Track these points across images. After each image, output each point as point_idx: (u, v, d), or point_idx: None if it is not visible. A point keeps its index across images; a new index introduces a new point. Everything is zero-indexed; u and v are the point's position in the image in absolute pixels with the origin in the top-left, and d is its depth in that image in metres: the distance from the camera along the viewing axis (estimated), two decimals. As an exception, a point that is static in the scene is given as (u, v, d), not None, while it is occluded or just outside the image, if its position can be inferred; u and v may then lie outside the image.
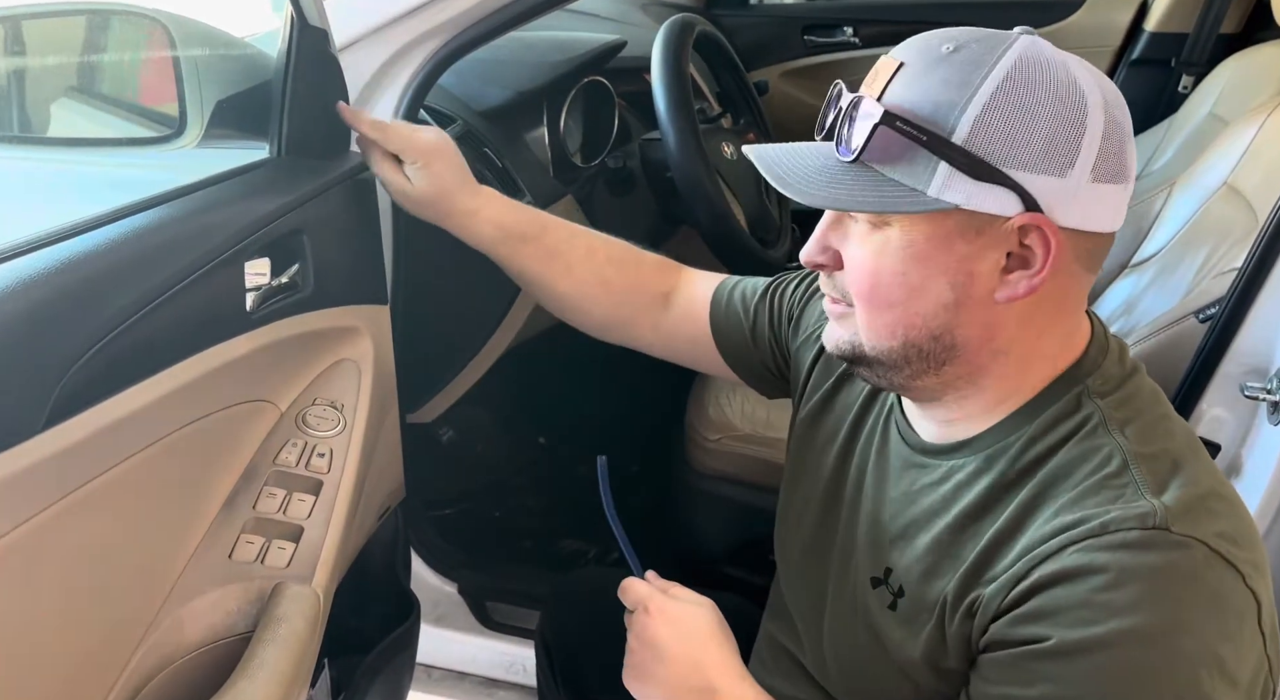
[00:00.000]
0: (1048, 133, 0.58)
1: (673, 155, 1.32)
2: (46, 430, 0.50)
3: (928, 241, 0.61)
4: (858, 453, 0.81)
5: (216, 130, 0.89)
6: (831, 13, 2.28)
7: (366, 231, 0.97)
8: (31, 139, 0.84)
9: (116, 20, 0.87)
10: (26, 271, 0.53)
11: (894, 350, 0.66)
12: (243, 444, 0.77)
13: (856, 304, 0.66)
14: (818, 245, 0.67)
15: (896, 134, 0.59)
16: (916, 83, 0.60)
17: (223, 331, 0.71)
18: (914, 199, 0.60)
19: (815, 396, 0.86)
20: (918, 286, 0.63)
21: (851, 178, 0.61)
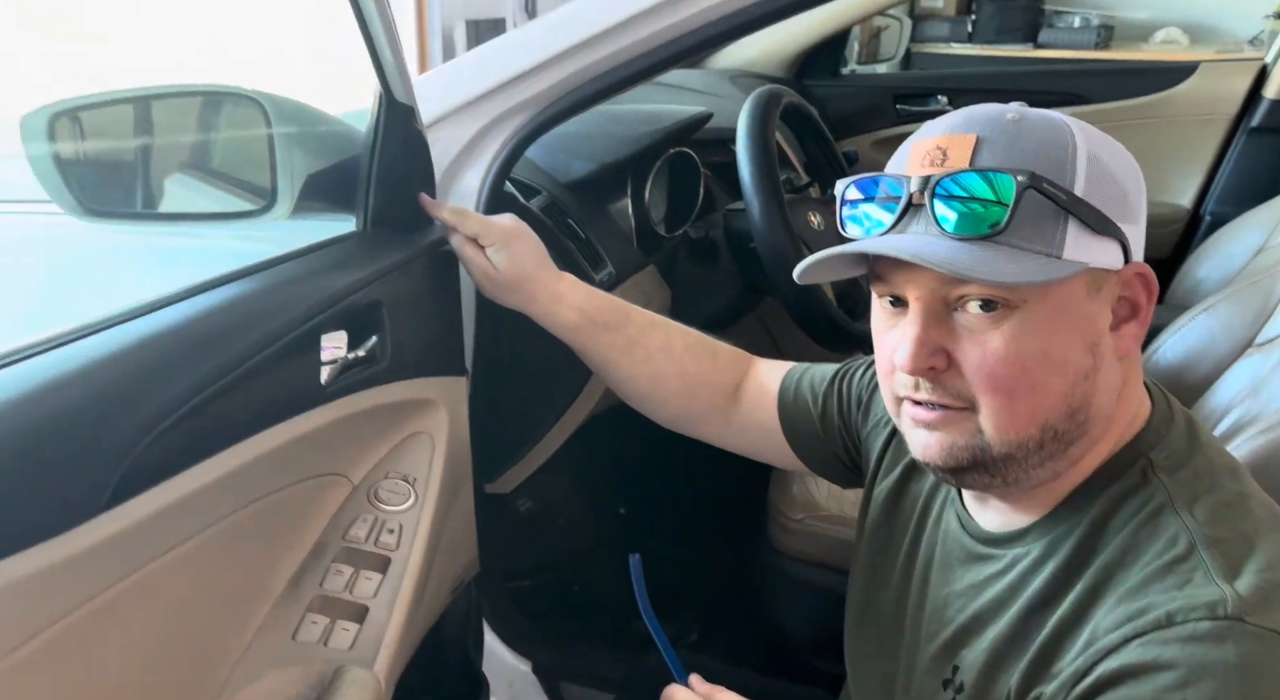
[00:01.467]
0: (1128, 179, 0.60)
1: (757, 225, 1.29)
2: (110, 509, 0.49)
3: (1064, 310, 0.59)
4: (923, 545, 0.77)
5: (306, 203, 0.91)
6: (924, 82, 2.25)
7: (446, 303, 0.97)
8: (133, 214, 0.87)
9: (216, 100, 0.90)
10: (101, 349, 0.53)
11: (1031, 440, 0.60)
12: (313, 519, 0.76)
13: (987, 400, 0.60)
14: (925, 349, 0.60)
15: (1038, 197, 0.56)
16: (1013, 149, 0.58)
17: (296, 405, 0.70)
18: (1056, 265, 0.57)
19: (884, 485, 0.83)
20: (1060, 361, 0.59)
21: (992, 255, 0.57)
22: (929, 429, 0.63)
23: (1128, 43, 3.08)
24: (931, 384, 0.62)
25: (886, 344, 0.65)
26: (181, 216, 0.89)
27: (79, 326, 0.56)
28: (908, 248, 0.59)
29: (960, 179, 0.58)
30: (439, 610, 1.00)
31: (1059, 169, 0.57)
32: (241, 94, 0.88)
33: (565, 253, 1.26)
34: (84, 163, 0.83)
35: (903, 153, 0.65)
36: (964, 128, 0.61)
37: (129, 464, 0.51)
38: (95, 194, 0.85)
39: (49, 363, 0.51)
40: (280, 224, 0.92)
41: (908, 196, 0.60)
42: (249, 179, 0.91)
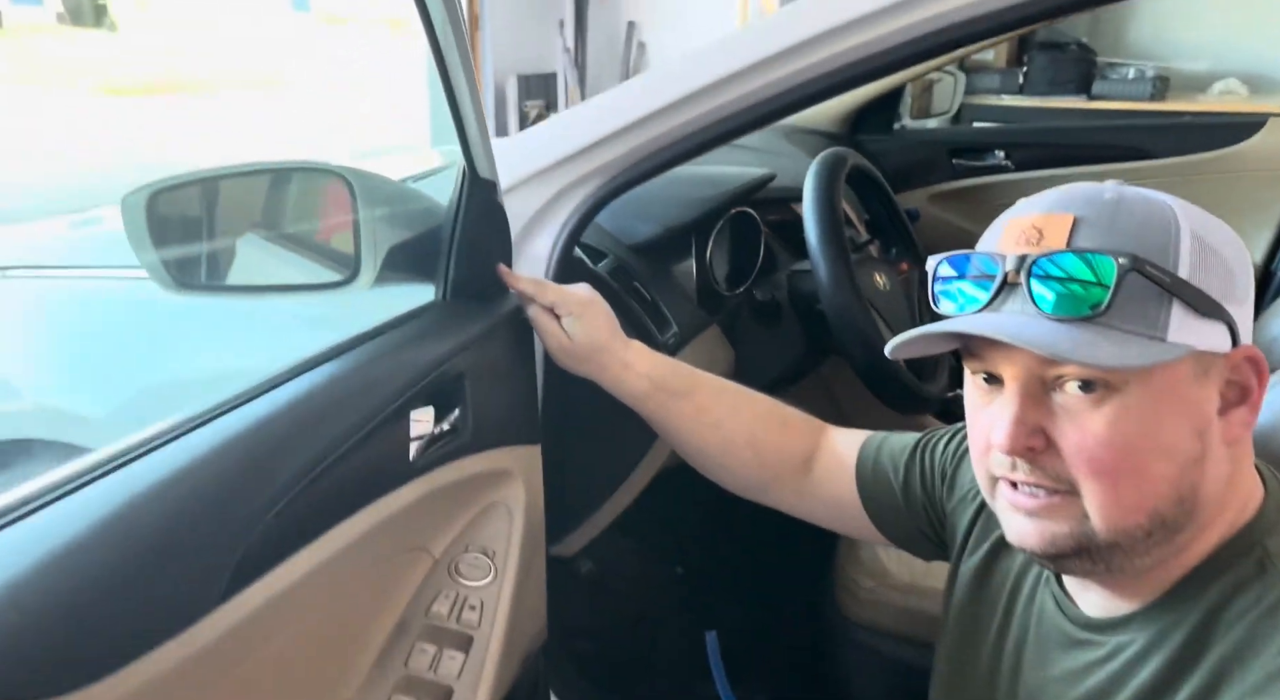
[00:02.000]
0: (1234, 261, 0.59)
1: (824, 286, 1.29)
2: (225, 602, 0.50)
3: (1169, 393, 0.57)
4: (1015, 625, 0.74)
5: (387, 273, 0.93)
6: (981, 136, 2.24)
7: (524, 372, 0.98)
8: (225, 287, 0.89)
9: (306, 176, 0.92)
10: (207, 443, 0.54)
11: (1139, 527, 0.59)
12: (398, 594, 0.76)
13: (1090, 485, 0.58)
14: (1024, 428, 0.59)
15: (1140, 279, 0.56)
16: (1113, 229, 0.58)
17: (388, 483, 0.71)
18: (1160, 347, 0.56)
19: (972, 562, 0.80)
20: (1167, 447, 0.58)
21: (1092, 336, 0.56)
22: (1028, 516, 0.62)
23: (1185, 94, 3.06)
24: (1030, 465, 0.60)
25: (981, 422, 0.63)
26: (271, 288, 0.91)
27: (187, 418, 0.57)
28: (1006, 328, 0.58)
29: (1058, 260, 0.57)
30: (510, 682, 0.98)
31: (1161, 250, 0.57)
32: (330, 170, 0.90)
33: (632, 316, 1.27)
34: (179, 239, 0.85)
35: (996, 229, 0.64)
36: (1061, 207, 0.60)
37: (241, 554, 0.51)
38: (189, 268, 0.87)
39: (167, 457, 0.52)
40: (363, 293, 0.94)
41: (1003, 275, 0.59)
42: (335, 251, 0.92)
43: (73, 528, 0.44)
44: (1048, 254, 0.58)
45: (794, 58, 1.03)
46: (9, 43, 6.42)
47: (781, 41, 1.02)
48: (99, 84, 6.48)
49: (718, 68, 1.06)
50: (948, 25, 0.96)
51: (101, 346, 1.41)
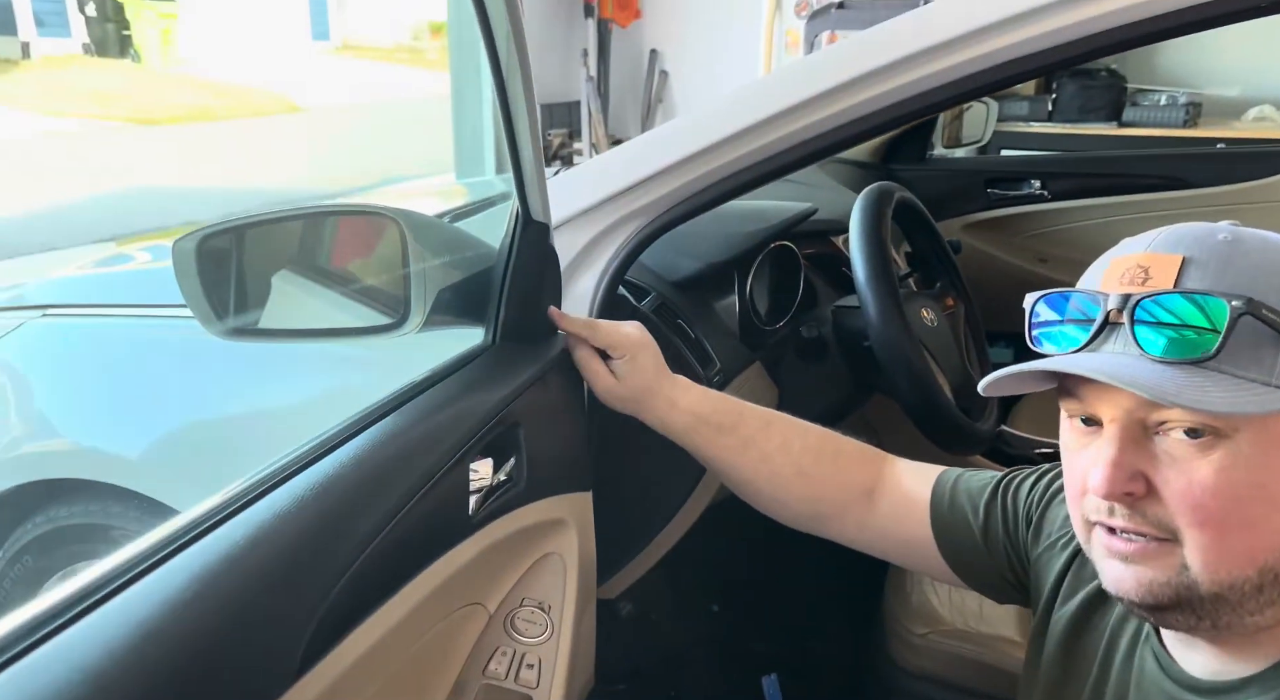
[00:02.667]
0: None
1: (873, 324, 1.26)
2: (300, 678, 0.47)
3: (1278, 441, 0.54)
4: (1112, 684, 0.70)
5: (437, 317, 0.91)
6: (1017, 165, 2.21)
7: (575, 416, 0.96)
8: (280, 332, 0.88)
9: (357, 219, 0.91)
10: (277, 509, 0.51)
11: (1248, 582, 0.56)
12: (455, 652, 0.74)
13: (1193, 534, 0.56)
14: (1122, 472, 0.57)
15: (1259, 322, 0.54)
16: (1225, 271, 0.56)
17: (450, 538, 0.68)
18: (1274, 394, 0.54)
19: (1064, 612, 0.76)
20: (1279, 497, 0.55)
21: (1201, 380, 0.54)
22: (1125, 561, 0.59)
23: (1218, 120, 3.03)
24: (1129, 510, 0.58)
25: (1077, 465, 0.61)
26: (320, 333, 0.90)
27: (256, 482, 0.55)
28: (1110, 370, 0.56)
29: (1165, 301, 0.55)
30: (560, 736, 0.96)
31: (1274, 297, 0.54)
32: (381, 212, 0.89)
33: (675, 353, 1.24)
34: (230, 285, 0.84)
35: (1098, 268, 0.62)
36: (1169, 246, 0.58)
37: (313, 627, 0.49)
38: (237, 312, 0.85)
39: (238, 526, 0.49)
40: (410, 337, 0.92)
41: (1104, 315, 0.58)
42: (385, 292, 0.91)
43: (147, 613, 0.42)
44: (1154, 294, 0.56)
45: (840, 97, 1.02)
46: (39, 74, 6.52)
47: (827, 81, 1.01)
48: (127, 113, 6.56)
49: (764, 107, 1.05)
50: (996, 65, 0.95)
51: (137, 386, 1.40)
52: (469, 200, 2.05)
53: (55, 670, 0.38)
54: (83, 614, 0.41)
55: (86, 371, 1.42)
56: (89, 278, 1.71)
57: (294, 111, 7.35)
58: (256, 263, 0.87)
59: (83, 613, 0.41)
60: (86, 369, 1.43)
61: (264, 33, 8.67)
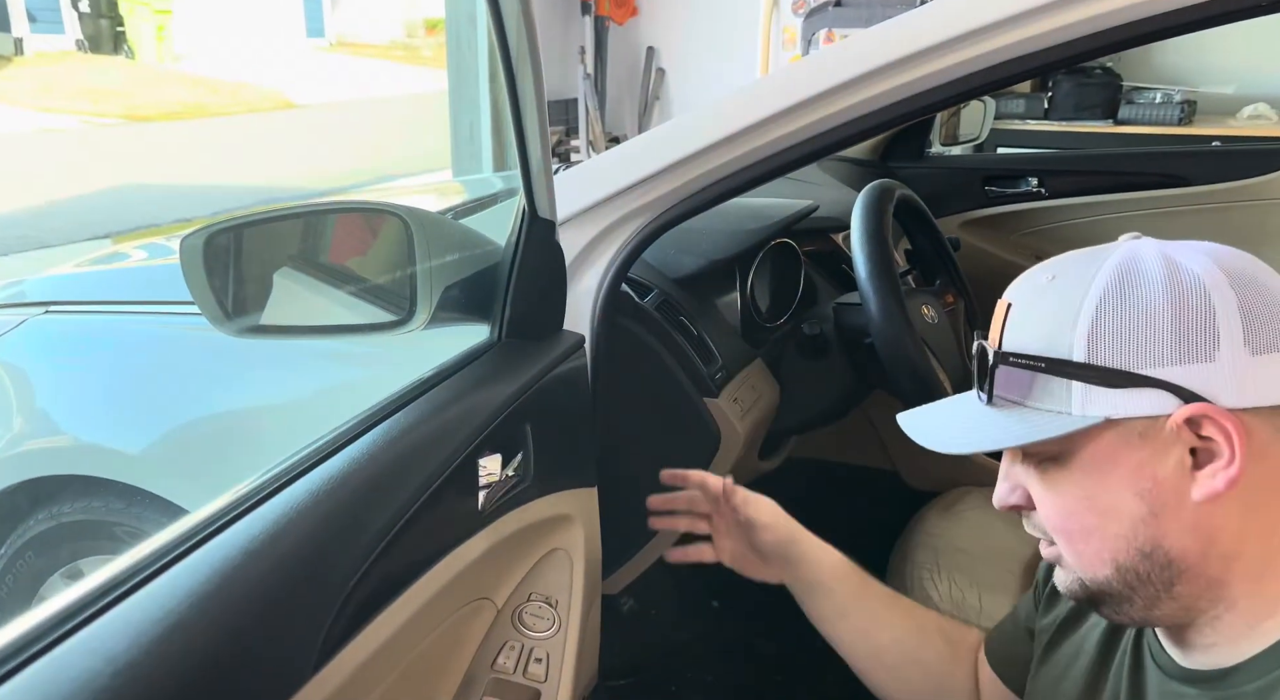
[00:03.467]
0: (1172, 324, 0.58)
1: (875, 321, 1.27)
2: (315, 675, 0.48)
3: (1095, 460, 0.60)
4: (1110, 678, 0.73)
5: (443, 313, 0.91)
6: (1014, 163, 2.22)
7: (581, 412, 0.96)
8: (287, 329, 0.88)
9: (363, 216, 0.91)
10: (293, 505, 0.52)
11: (1112, 579, 0.62)
12: (463, 648, 0.74)
13: (1058, 540, 0.65)
14: (1007, 487, 0.66)
15: (1017, 368, 0.61)
16: (1026, 319, 0.63)
17: (461, 534, 0.69)
18: (1061, 421, 0.60)
19: (1052, 617, 0.80)
20: (1107, 507, 0.61)
21: (1002, 417, 0.62)
22: (1054, 564, 0.67)
23: (1213, 118, 3.04)
24: (1029, 520, 0.67)
25: None
26: (327, 330, 0.90)
27: (275, 475, 0.55)
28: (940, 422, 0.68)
29: (975, 352, 0.65)
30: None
31: (1059, 333, 0.60)
32: (387, 209, 0.89)
33: (679, 351, 1.25)
34: (237, 282, 0.84)
35: None
36: (1009, 293, 0.66)
37: (331, 621, 0.49)
38: (243, 310, 0.85)
39: (258, 519, 0.50)
40: (417, 334, 0.93)
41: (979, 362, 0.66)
42: (391, 290, 0.91)
43: (173, 604, 0.42)
44: (979, 344, 0.65)
45: (840, 97, 1.03)
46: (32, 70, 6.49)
47: (827, 81, 1.02)
48: (121, 110, 6.53)
49: (765, 106, 1.05)
50: (994, 65, 0.96)
51: (140, 383, 1.40)
52: (467, 198, 2.05)
53: (85, 662, 0.39)
54: (110, 606, 0.41)
55: (89, 368, 1.42)
56: (88, 275, 1.71)
57: (289, 108, 7.32)
58: (263, 260, 0.87)
59: (110, 605, 0.41)
60: (89, 366, 1.43)
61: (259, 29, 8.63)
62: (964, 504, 1.52)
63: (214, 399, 1.36)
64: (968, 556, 1.37)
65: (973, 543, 1.41)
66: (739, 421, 1.28)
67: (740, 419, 1.29)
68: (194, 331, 1.36)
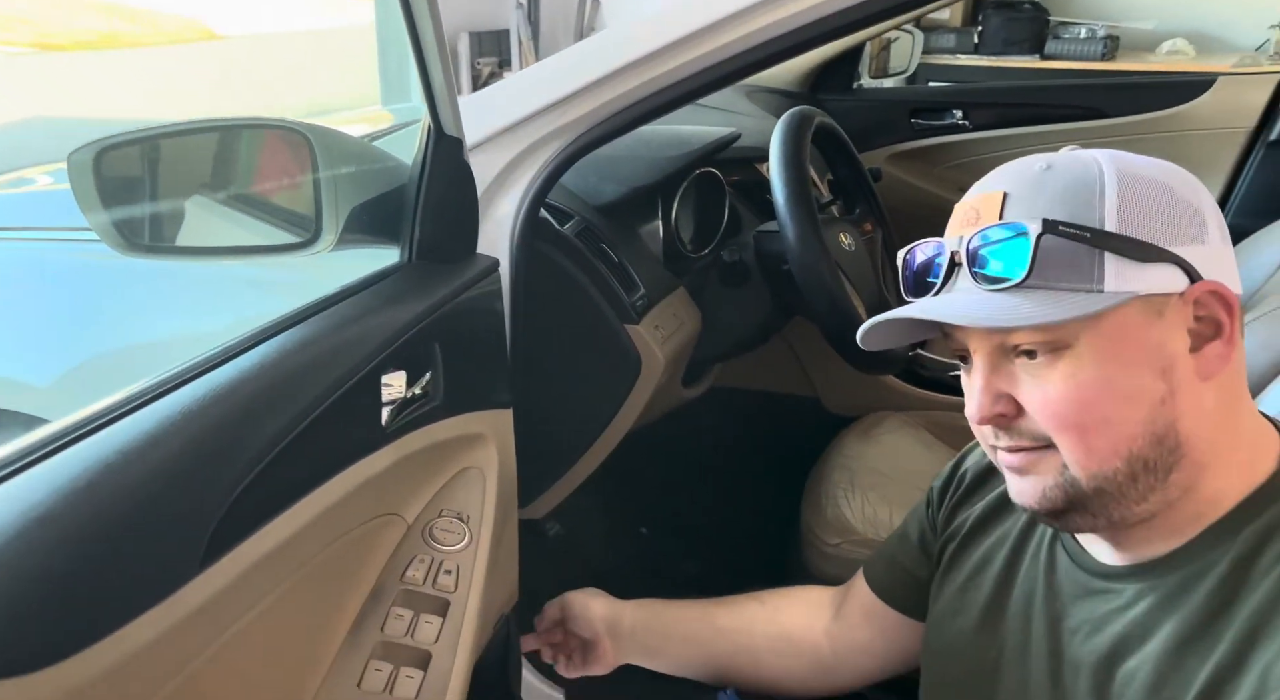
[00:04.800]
0: (1178, 206, 0.60)
1: (792, 247, 1.28)
2: (201, 572, 0.48)
3: (1120, 341, 0.59)
4: (1020, 581, 0.75)
5: (350, 235, 0.90)
6: (940, 96, 2.24)
7: (493, 336, 0.97)
8: (179, 250, 0.86)
9: (262, 133, 0.89)
10: (184, 405, 0.52)
11: (1119, 472, 0.60)
12: (371, 561, 0.75)
13: (1063, 438, 0.61)
14: (989, 397, 0.63)
15: (1061, 238, 0.58)
16: (1038, 198, 0.61)
17: (362, 448, 0.69)
18: (1098, 298, 0.58)
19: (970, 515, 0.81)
20: (1130, 392, 0.59)
21: (1025, 301, 0.59)
22: (1020, 474, 0.65)
23: (1134, 54, 3.09)
24: (1005, 431, 0.64)
25: (966, 396, 0.66)
26: (227, 251, 0.88)
27: (156, 383, 0.54)
28: (946, 309, 0.62)
29: (985, 234, 0.61)
30: (483, 645, 0.98)
31: (1086, 207, 0.59)
32: (288, 126, 0.87)
33: (600, 279, 1.25)
34: (131, 199, 0.81)
35: (951, 219, 0.67)
36: (994, 185, 0.63)
37: (217, 522, 0.50)
38: (141, 230, 0.83)
39: (136, 423, 0.50)
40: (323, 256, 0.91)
41: (949, 257, 0.63)
42: (294, 211, 0.89)
43: (39, 498, 0.42)
44: (980, 231, 0.61)
45: (757, 15, 1.02)
46: (-72, -6, 6.09)
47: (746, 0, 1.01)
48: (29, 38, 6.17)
49: (682, 25, 1.04)
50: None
51: (45, 312, 1.36)
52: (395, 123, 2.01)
53: None
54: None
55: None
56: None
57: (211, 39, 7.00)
58: (159, 177, 0.85)
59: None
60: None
61: (176, -46, 8.18)
62: (880, 428, 1.57)
63: (126, 330, 1.33)
64: (882, 477, 1.42)
65: (887, 464, 1.46)
66: (660, 347, 1.29)
67: (661, 345, 1.30)
68: (103, 259, 1.32)
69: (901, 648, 0.91)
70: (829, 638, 0.96)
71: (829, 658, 0.96)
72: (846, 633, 0.95)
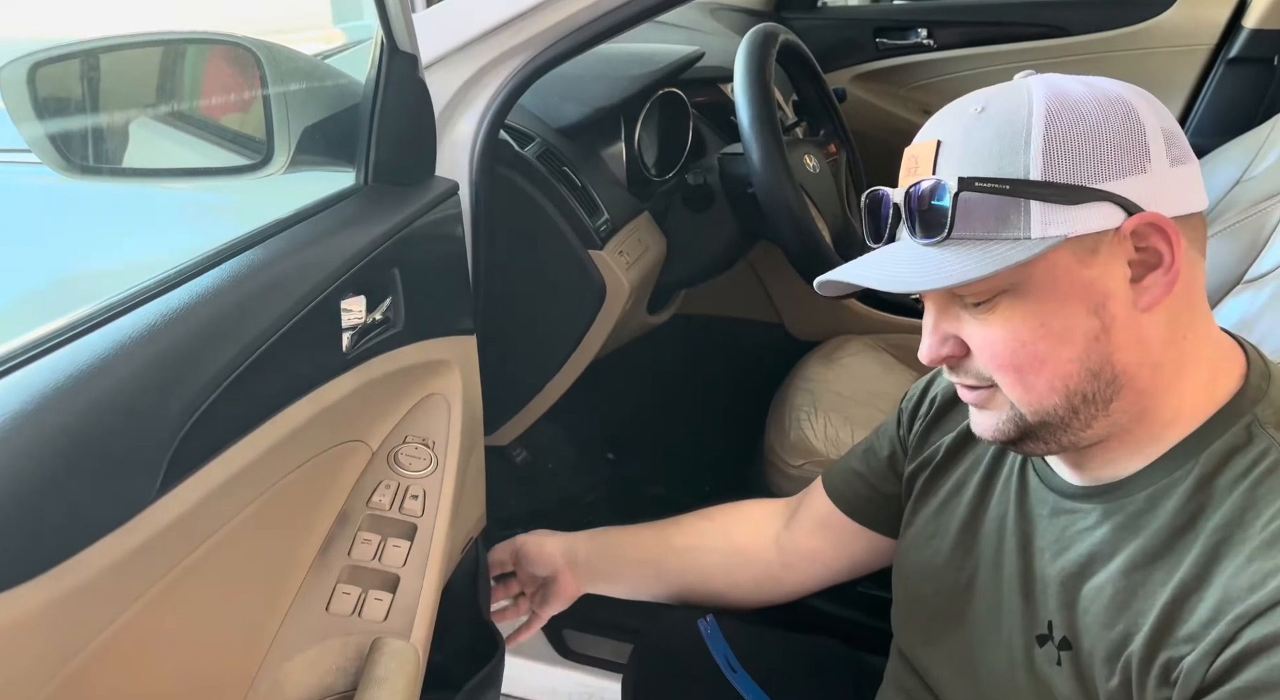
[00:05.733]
0: (1112, 138, 0.59)
1: (756, 170, 1.27)
2: (159, 499, 0.47)
3: (1051, 284, 0.60)
4: (993, 504, 0.77)
5: (303, 156, 0.87)
6: (904, 15, 2.20)
7: (453, 261, 0.95)
8: (122, 171, 0.82)
9: (208, 48, 0.85)
10: (134, 330, 0.50)
11: (1059, 407, 0.63)
12: (336, 487, 0.75)
13: (1002, 378, 0.64)
14: (936, 339, 0.65)
15: (979, 194, 0.59)
16: (965, 150, 0.61)
17: (322, 374, 0.68)
18: (1024, 246, 0.58)
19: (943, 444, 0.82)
20: (1061, 331, 0.61)
21: (953, 255, 0.60)
22: (977, 409, 0.68)
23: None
24: (955, 371, 0.67)
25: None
26: (173, 172, 0.85)
27: (105, 306, 0.53)
28: (875, 267, 0.64)
29: (914, 191, 0.62)
30: (451, 570, 0.99)
31: (1011, 154, 0.59)
32: (235, 41, 0.83)
33: (562, 202, 1.23)
34: (70, 116, 0.78)
35: (903, 163, 0.67)
36: (932, 132, 0.64)
37: (175, 447, 0.49)
38: (82, 149, 0.80)
39: (86, 346, 0.48)
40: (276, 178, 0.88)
41: (892, 210, 0.65)
42: (244, 132, 0.86)
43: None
44: (910, 185, 0.62)
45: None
46: None
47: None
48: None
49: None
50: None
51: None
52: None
53: None
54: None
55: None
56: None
57: (148, -46, 6.65)
58: (100, 95, 0.81)
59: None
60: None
61: None
62: (843, 351, 1.58)
63: (70, 259, 1.29)
64: (843, 399, 1.44)
65: (849, 387, 1.48)
66: (624, 273, 1.28)
67: (626, 271, 1.29)
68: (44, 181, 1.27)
69: (850, 555, 0.94)
70: (778, 547, 0.98)
71: (777, 567, 0.98)
72: (797, 541, 0.97)
